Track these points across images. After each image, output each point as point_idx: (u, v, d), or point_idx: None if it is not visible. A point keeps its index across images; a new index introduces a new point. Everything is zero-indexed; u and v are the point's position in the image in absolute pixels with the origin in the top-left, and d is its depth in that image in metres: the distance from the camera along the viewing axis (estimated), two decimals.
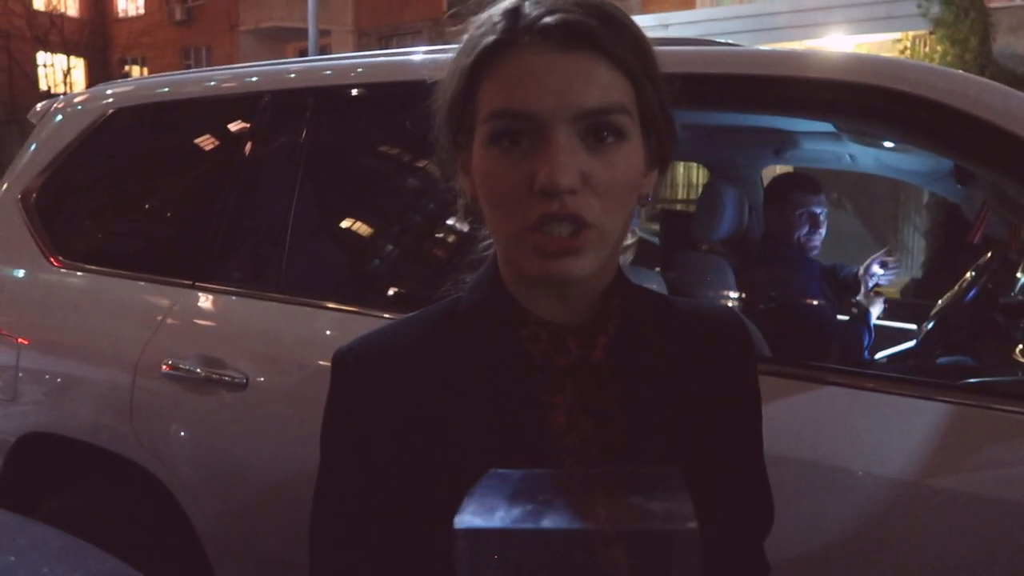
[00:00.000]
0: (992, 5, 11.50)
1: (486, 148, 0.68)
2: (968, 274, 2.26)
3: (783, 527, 0.87)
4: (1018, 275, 2.34)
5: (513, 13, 0.68)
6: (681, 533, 0.53)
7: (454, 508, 0.70)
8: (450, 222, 1.72)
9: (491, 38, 0.67)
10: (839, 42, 11.22)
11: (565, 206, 0.65)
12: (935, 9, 10.77)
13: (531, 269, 0.68)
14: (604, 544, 0.55)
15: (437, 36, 17.44)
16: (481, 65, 0.68)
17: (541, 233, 0.66)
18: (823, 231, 2.36)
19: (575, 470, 0.70)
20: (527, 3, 0.68)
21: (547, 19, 0.65)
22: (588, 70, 0.65)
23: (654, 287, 1.16)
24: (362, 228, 1.91)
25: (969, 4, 10.67)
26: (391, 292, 1.80)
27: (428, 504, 0.70)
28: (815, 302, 2.24)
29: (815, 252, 2.38)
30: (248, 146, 1.87)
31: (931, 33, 10.86)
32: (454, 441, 0.71)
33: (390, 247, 1.85)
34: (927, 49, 10.87)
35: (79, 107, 2.15)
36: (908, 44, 11.22)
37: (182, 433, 1.71)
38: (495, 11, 0.70)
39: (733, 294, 2.20)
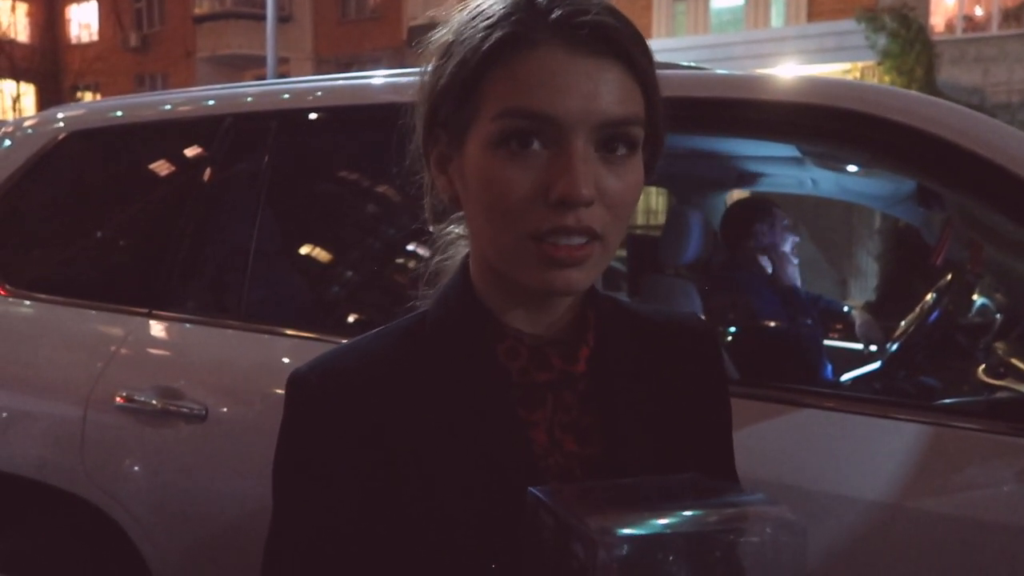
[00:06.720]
0: (936, 38, 11.96)
1: (491, 149, 0.63)
2: (929, 296, 2.29)
3: None
4: (974, 297, 2.38)
5: (529, 5, 0.63)
6: (792, 524, 0.57)
7: (429, 535, 0.66)
8: (412, 248, 1.69)
9: (507, 30, 0.63)
10: (791, 71, 11.54)
11: (580, 219, 0.62)
12: (882, 41, 11.17)
13: (531, 279, 0.65)
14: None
15: (397, 65, 17.49)
16: (491, 57, 0.63)
17: (548, 243, 0.63)
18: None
19: (624, 481, 0.66)
20: None
21: (577, 18, 0.62)
22: (614, 78, 0.62)
23: None
24: (328, 254, 1.87)
25: (914, 36, 11.09)
26: (359, 319, 1.76)
27: (401, 532, 0.67)
28: (786, 325, 2.26)
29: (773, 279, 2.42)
30: (208, 171, 1.82)
31: (879, 64, 11.26)
32: (430, 465, 0.67)
33: (359, 273, 1.81)
34: (875, 79, 11.26)
35: (29, 131, 2.08)
36: (858, 74, 11.60)
37: (137, 468, 1.64)
38: (501, 2, 0.65)
39: (702, 317, 2.20)
